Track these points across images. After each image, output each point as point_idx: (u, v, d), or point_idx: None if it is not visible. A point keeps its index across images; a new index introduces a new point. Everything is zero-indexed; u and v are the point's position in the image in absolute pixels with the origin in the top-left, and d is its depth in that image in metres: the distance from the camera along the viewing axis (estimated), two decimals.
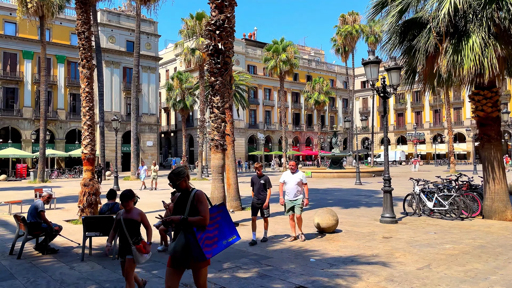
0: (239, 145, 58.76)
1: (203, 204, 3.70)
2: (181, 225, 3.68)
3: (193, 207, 3.70)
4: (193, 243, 3.59)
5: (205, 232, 3.64)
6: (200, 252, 3.56)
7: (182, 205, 3.76)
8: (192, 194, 3.75)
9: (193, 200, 3.71)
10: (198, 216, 3.65)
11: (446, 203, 10.31)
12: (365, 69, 10.19)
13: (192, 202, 3.71)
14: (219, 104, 9.84)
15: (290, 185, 7.88)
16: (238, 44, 59.36)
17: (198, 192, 3.78)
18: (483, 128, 10.59)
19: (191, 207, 3.69)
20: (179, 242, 3.69)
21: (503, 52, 9.05)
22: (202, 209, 3.68)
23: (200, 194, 3.77)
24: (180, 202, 3.81)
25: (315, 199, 16.16)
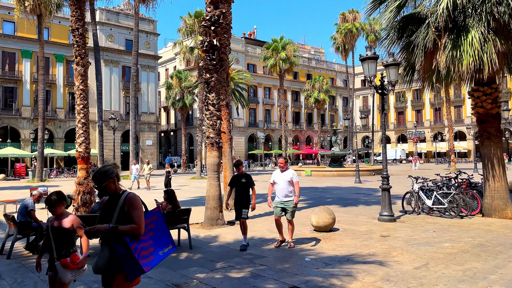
0: (239, 144, 58.62)
1: (136, 209, 3.09)
2: (109, 235, 3.05)
3: (124, 213, 3.07)
4: (125, 256, 3.01)
5: (140, 242, 3.09)
6: (136, 265, 3.03)
7: (109, 212, 3.13)
8: (123, 198, 3.12)
9: (123, 205, 3.08)
10: (130, 224, 3.03)
11: (445, 201, 10.16)
12: (362, 65, 10.03)
13: (122, 208, 3.08)
14: (214, 101, 9.69)
15: (280, 185, 7.15)
16: (237, 42, 59.21)
17: (130, 195, 3.15)
18: (482, 125, 10.43)
19: (120, 214, 3.06)
20: (102, 256, 3.09)
21: (503, 48, 8.89)
22: (136, 215, 3.06)
23: (133, 197, 3.14)
24: (107, 208, 3.19)
25: (314, 197, 16.02)
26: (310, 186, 21.87)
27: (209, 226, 9.40)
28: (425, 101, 66.24)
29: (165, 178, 20.09)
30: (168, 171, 20.14)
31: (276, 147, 62.04)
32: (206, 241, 7.85)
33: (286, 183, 7.13)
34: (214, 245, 7.54)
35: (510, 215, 9.92)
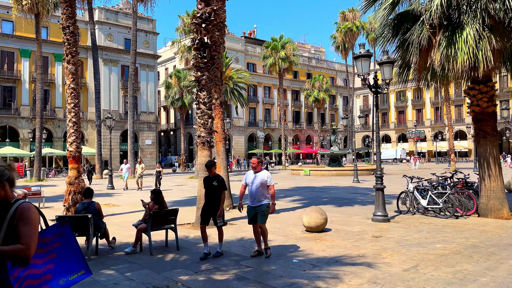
0: (238, 143, 58.54)
1: (27, 224, 2.28)
2: None
3: (12, 228, 2.29)
4: None
5: (28, 267, 2.36)
6: None
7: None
8: (13, 209, 2.32)
9: (12, 218, 2.30)
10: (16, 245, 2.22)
11: (440, 201, 10.01)
12: (356, 63, 9.88)
13: (10, 221, 2.29)
14: (205, 99, 9.56)
15: (252, 188, 6.45)
16: (237, 41, 59.09)
17: (22, 205, 2.34)
18: (478, 124, 10.28)
19: (8, 229, 2.29)
20: None
21: (498, 45, 8.74)
22: (24, 232, 2.26)
23: (25, 208, 2.32)
24: None
25: (310, 197, 15.89)
26: (307, 185, 21.74)
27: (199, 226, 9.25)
28: (426, 100, 66.00)
29: (155, 179, 19.81)
30: (159, 171, 19.88)
31: (276, 147, 61.90)
32: (195, 242, 7.72)
33: (258, 186, 6.40)
34: (202, 246, 7.40)
35: (506, 215, 9.77)
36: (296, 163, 58.94)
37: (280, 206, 13.13)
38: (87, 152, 42.05)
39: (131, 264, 6.20)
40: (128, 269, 5.93)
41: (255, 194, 6.42)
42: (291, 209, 12.35)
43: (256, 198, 6.40)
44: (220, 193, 6.72)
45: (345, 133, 65.98)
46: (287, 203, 14.05)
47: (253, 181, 6.44)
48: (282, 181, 26.25)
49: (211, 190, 6.72)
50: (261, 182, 6.39)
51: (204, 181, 6.87)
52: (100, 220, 6.83)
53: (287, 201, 14.66)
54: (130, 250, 6.80)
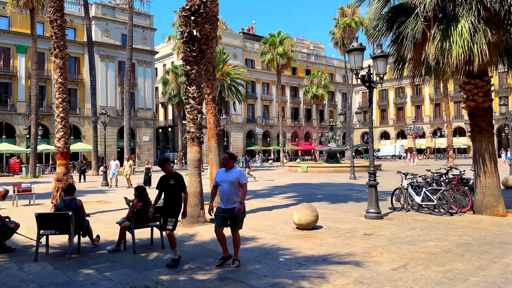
0: (236, 140, 58.34)
1: None
2: None
3: None
4: None
5: None
6: None
7: None
8: None
9: None
10: None
11: (435, 198, 9.82)
12: (348, 57, 9.66)
13: None
14: (195, 94, 9.34)
15: (224, 188, 5.69)
16: (235, 37, 58.76)
17: None
18: (474, 119, 10.07)
19: None
20: None
21: (494, 38, 8.52)
22: None
23: None
24: None
25: (305, 194, 15.71)
26: (303, 182, 21.56)
27: (189, 224, 9.08)
28: (425, 96, 65.75)
29: (144, 176, 19.39)
30: (148, 168, 19.43)
31: (275, 143, 61.70)
32: (182, 240, 7.53)
33: (231, 185, 5.64)
34: (189, 244, 7.23)
35: (501, 212, 9.59)
36: (294, 159, 58.78)
37: (273, 203, 12.96)
38: (84, 149, 41.88)
39: (112, 263, 6.01)
40: (109, 269, 5.74)
41: (227, 194, 5.65)
42: (284, 206, 12.17)
43: (229, 199, 5.65)
44: (180, 192, 6.00)
45: (344, 130, 65.78)
46: (280, 200, 13.88)
47: (225, 179, 5.72)
48: (278, 177, 26.08)
49: (169, 190, 5.94)
50: (233, 180, 5.65)
51: (159, 181, 6.02)
52: (82, 217, 6.64)
53: (281, 198, 14.48)
54: (112, 248, 6.61)
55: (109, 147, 46.05)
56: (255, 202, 13.25)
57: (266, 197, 14.79)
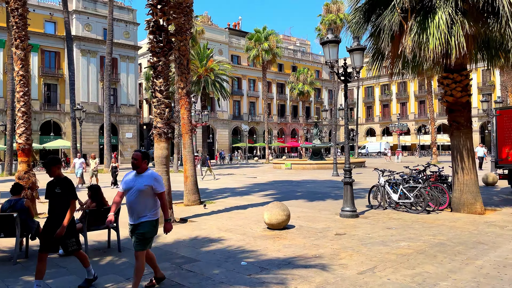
0: (222, 137, 57.80)
1: None
2: None
3: None
4: None
5: None
6: None
7: None
8: None
9: None
10: None
11: (411, 195, 9.55)
12: (323, 50, 9.28)
13: None
14: (162, 87, 8.86)
15: (130, 197, 4.36)
16: (221, 33, 58.10)
17: None
18: (452, 115, 9.81)
19: None
20: None
21: (472, 30, 8.24)
22: None
23: None
24: None
25: (285, 191, 15.36)
26: (286, 179, 21.23)
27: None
28: (410, 93, 66.13)
29: (111, 174, 18.32)
30: (115, 166, 18.38)
31: (261, 140, 61.28)
32: None
33: (140, 195, 4.32)
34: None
35: (479, 210, 9.36)
36: (281, 156, 58.53)
37: (250, 201, 12.56)
38: (64, 146, 40.92)
39: (59, 269, 5.54)
40: (53, 275, 5.26)
41: (135, 208, 4.33)
42: (261, 204, 11.77)
43: (136, 213, 4.34)
44: (67, 204, 4.59)
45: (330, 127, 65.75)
46: (258, 197, 13.49)
47: (133, 186, 4.36)
48: (261, 175, 25.71)
49: (54, 200, 4.63)
50: (143, 189, 4.33)
51: (46, 187, 4.74)
52: (30, 219, 6.13)
53: (259, 195, 14.10)
54: (63, 252, 6.11)
55: (91, 144, 45.16)
56: (231, 200, 12.84)
57: (244, 195, 14.39)
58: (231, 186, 17.70)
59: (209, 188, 17.03)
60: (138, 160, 4.44)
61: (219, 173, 28.45)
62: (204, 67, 37.48)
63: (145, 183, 4.36)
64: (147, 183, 4.36)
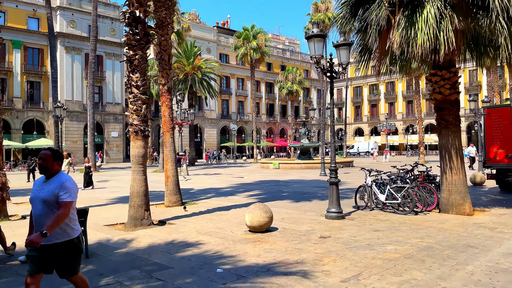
0: (210, 136, 57.23)
1: None
2: None
3: None
4: None
5: None
6: None
7: None
8: None
9: None
10: None
11: (399, 196, 9.25)
12: (308, 44, 8.91)
13: None
14: (139, 82, 8.40)
15: (35, 209, 3.47)
16: (209, 31, 57.52)
17: None
18: (440, 113, 9.55)
19: None
20: None
21: (461, 25, 7.96)
22: None
23: None
24: None
25: (271, 191, 14.99)
26: (273, 179, 20.87)
27: (132, 227, 8.17)
28: (398, 93, 66.40)
29: (84, 176, 17.38)
30: (88, 166, 17.56)
31: (250, 139, 60.86)
32: (114, 247, 6.62)
33: (45, 205, 3.42)
34: (120, 252, 6.33)
35: (468, 211, 9.11)
36: (269, 156, 58.21)
37: (234, 201, 12.16)
38: (48, 145, 39.88)
39: (17, 278, 5.06)
40: (10, 284, 4.79)
41: (41, 222, 3.38)
42: (244, 205, 11.35)
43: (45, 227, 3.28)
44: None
45: (319, 127, 65.68)
46: (243, 198, 13.09)
47: (38, 196, 3.48)
48: (249, 174, 25.32)
49: None
50: (48, 199, 3.42)
51: None
52: None
53: (244, 196, 13.70)
54: (24, 259, 5.64)
55: (75, 143, 44.25)
56: (215, 201, 12.41)
57: (228, 195, 13.97)
58: (216, 186, 17.26)
59: (193, 189, 16.58)
60: (47, 161, 3.49)
61: (205, 172, 27.98)
62: (191, 65, 36.91)
63: (52, 191, 3.42)
64: (52, 191, 3.42)
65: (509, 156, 12.31)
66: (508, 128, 12.33)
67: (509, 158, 12.30)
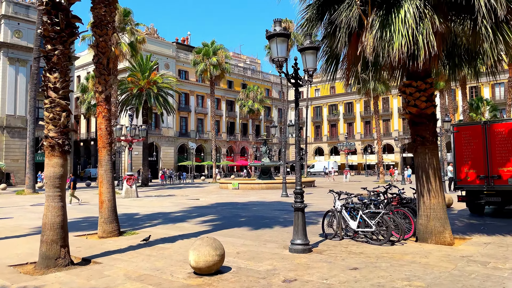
0: (167, 155, 54.73)
1: None
2: None
3: None
4: None
5: None
6: None
7: None
8: None
9: None
10: None
11: (373, 223, 8.00)
12: (270, 45, 7.61)
13: None
14: (58, 84, 6.67)
15: None
16: (167, 47, 55.82)
17: None
18: (416, 128, 8.52)
19: None
20: None
21: (442, 27, 7.00)
22: None
23: None
24: None
25: (227, 216, 13.38)
26: (231, 201, 19.25)
27: (43, 269, 6.29)
28: (356, 114, 67.45)
29: None
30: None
31: (209, 159, 58.81)
32: None
33: None
34: None
35: (448, 239, 8.02)
36: (229, 175, 56.43)
37: (183, 230, 10.43)
38: None
39: None
40: None
41: None
42: (195, 234, 9.70)
43: None
44: None
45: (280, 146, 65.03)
46: (194, 225, 11.38)
47: None
48: (205, 196, 23.54)
49: None
50: None
51: None
52: None
53: (196, 222, 11.99)
54: None
55: (16, 162, 40.36)
56: (160, 229, 10.62)
57: (178, 221, 12.21)
58: (166, 210, 15.40)
59: (139, 213, 14.63)
60: None
61: (158, 194, 25.84)
62: (146, 80, 34.94)
63: None
64: None
65: (481, 177, 11.57)
66: (479, 147, 11.64)
67: (481, 179, 11.56)
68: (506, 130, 11.19)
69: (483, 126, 11.62)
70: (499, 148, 11.26)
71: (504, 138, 11.20)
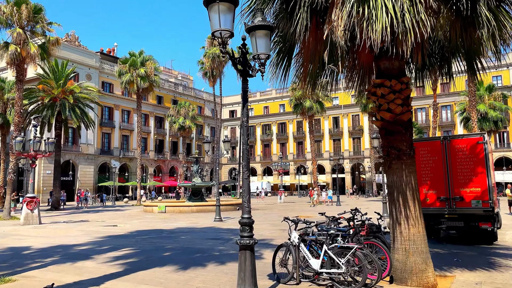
0: (86, 174, 49.20)
1: None
2: None
3: None
4: None
5: None
6: None
7: None
8: None
9: None
10: None
11: (342, 262, 6.03)
12: (210, 14, 5.39)
13: None
14: None
15: None
16: (90, 56, 51.09)
17: None
18: (390, 138, 6.84)
19: None
20: None
21: (435, 4, 5.43)
22: None
23: None
24: None
25: (147, 248, 10.67)
26: (155, 228, 16.35)
27: None
28: (289, 134, 67.50)
29: None
30: None
31: (134, 178, 54.11)
32: None
33: None
34: None
35: (432, 279, 6.32)
36: (157, 197, 52.26)
37: (83, 272, 7.57)
38: None
39: None
40: None
41: None
42: (97, 281, 6.95)
43: None
44: None
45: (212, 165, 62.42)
46: (101, 264, 8.54)
47: None
48: (126, 221, 20.23)
49: None
50: None
51: None
52: None
53: (105, 259, 9.12)
54: None
55: None
56: (51, 273, 7.66)
57: (81, 258, 9.25)
58: (70, 242, 12.18)
59: (31, 247, 11.29)
60: None
61: (69, 219, 21.88)
62: (61, 88, 30.70)
63: None
64: None
65: (441, 199, 10.35)
66: (438, 165, 10.45)
67: (442, 201, 10.34)
68: (468, 146, 10.15)
69: (442, 142, 10.50)
70: (461, 167, 10.16)
71: (466, 155, 10.14)
